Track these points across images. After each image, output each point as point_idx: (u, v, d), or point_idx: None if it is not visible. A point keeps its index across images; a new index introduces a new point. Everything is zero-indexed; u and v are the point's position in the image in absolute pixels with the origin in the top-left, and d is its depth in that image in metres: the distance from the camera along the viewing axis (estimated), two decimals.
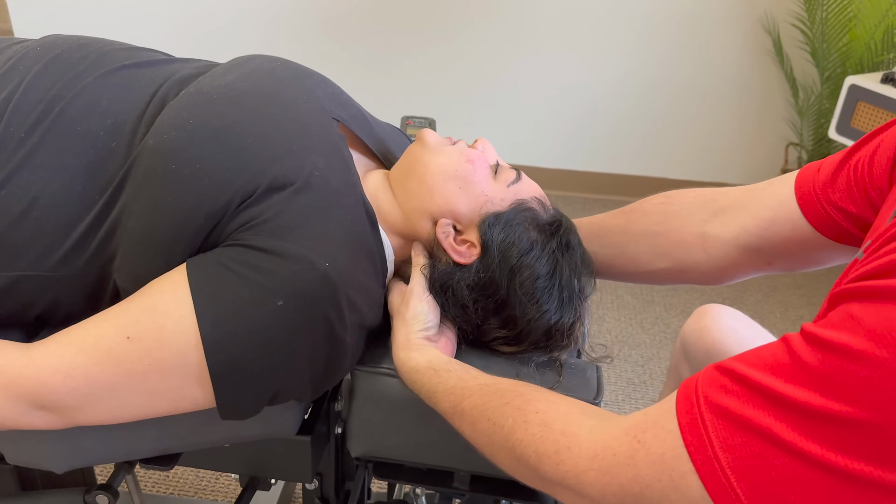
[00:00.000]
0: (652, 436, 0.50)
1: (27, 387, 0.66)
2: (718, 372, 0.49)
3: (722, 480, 0.45)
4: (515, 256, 0.79)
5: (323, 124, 0.80)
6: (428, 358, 0.75)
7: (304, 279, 0.68)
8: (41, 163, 0.73)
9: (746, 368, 0.47)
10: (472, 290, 0.80)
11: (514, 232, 0.80)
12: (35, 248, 0.72)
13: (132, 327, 0.67)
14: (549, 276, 0.80)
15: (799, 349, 0.44)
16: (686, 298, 2.39)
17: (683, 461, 0.47)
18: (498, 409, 0.64)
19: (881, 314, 0.41)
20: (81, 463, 0.78)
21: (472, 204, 0.81)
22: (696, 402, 0.48)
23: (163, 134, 0.73)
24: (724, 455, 0.45)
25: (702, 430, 0.46)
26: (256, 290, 0.67)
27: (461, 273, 0.80)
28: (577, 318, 0.83)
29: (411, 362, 0.76)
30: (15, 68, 0.78)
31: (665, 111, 2.84)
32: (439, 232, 0.81)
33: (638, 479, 0.49)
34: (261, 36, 2.81)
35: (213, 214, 0.70)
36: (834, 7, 2.38)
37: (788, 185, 0.80)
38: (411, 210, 0.83)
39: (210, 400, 0.69)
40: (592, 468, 0.53)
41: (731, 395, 0.46)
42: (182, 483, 1.60)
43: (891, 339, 0.40)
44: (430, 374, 0.73)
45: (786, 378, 0.44)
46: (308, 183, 0.72)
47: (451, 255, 0.81)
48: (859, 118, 2.06)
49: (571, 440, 0.56)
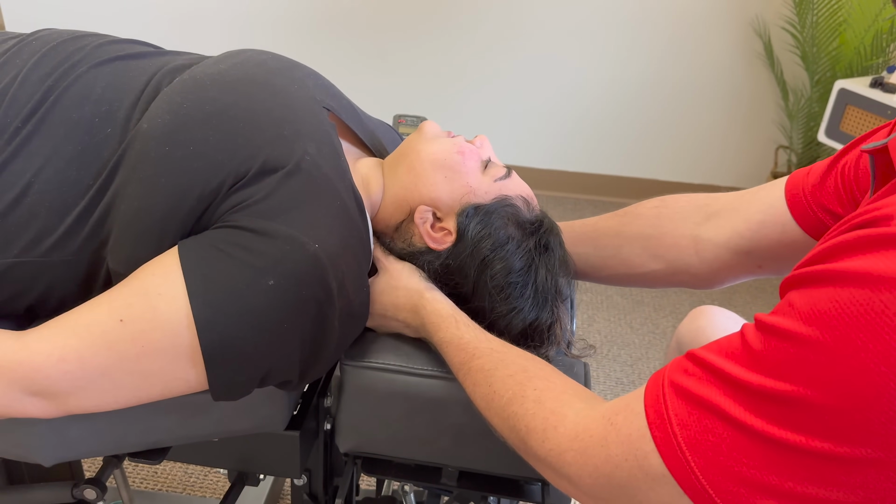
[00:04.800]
0: (623, 418, 0.53)
1: (21, 372, 0.66)
2: (685, 358, 0.52)
3: (679, 456, 0.48)
4: (489, 248, 0.80)
5: (313, 112, 0.81)
6: (452, 305, 0.79)
7: (295, 260, 0.68)
8: (36, 150, 0.74)
9: (707, 354, 0.50)
10: (435, 274, 0.82)
11: (491, 224, 0.81)
12: (28, 234, 0.72)
13: (125, 310, 0.67)
14: (523, 273, 0.81)
15: (749, 336, 0.48)
16: (675, 299, 2.40)
17: (647, 440, 0.50)
18: (501, 379, 0.67)
19: (809, 297, 0.44)
20: (70, 456, 0.78)
21: (455, 193, 0.83)
22: (661, 384, 0.51)
23: (156, 118, 0.74)
24: (681, 431, 0.48)
25: (663, 409, 0.50)
26: (247, 271, 0.67)
27: (430, 255, 0.83)
28: (556, 319, 0.84)
29: (436, 303, 0.79)
30: (11, 61, 0.79)
31: (656, 113, 2.85)
32: (417, 217, 0.83)
33: (609, 459, 0.52)
34: (254, 34, 2.81)
35: (206, 196, 0.71)
36: (824, 11, 2.40)
37: (779, 189, 0.82)
38: (393, 196, 0.85)
39: (202, 381, 0.70)
40: (572, 448, 0.56)
41: (691, 376, 0.49)
42: (170, 479, 1.60)
43: (815, 318, 0.43)
44: (450, 322, 0.76)
45: (737, 361, 0.47)
46: (299, 167, 0.73)
47: (425, 240, 0.83)
48: (848, 122, 2.08)
49: (559, 420, 0.59)
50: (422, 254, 0.84)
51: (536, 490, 0.90)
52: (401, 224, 0.85)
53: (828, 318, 0.42)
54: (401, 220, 0.85)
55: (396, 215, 0.85)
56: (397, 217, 0.85)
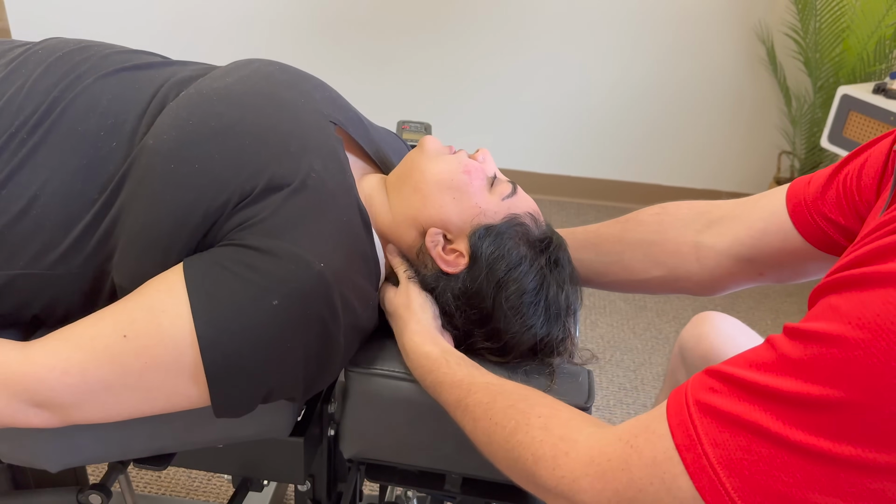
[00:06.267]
0: (644, 440, 0.51)
1: (24, 384, 0.67)
2: (707, 375, 0.50)
3: (711, 477, 0.46)
4: (503, 270, 0.80)
5: (320, 127, 0.81)
6: (442, 347, 0.77)
7: (299, 279, 0.68)
8: (42, 162, 0.74)
9: (732, 368, 0.48)
10: (457, 299, 0.81)
11: (504, 245, 0.81)
12: (33, 246, 0.73)
13: (129, 325, 0.67)
14: (536, 292, 0.81)
15: (781, 345, 0.46)
16: (678, 305, 2.40)
17: (675, 463, 0.48)
18: (502, 410, 0.64)
19: (857, 300, 0.43)
20: (76, 462, 0.79)
21: (465, 215, 0.82)
22: (686, 404, 0.49)
23: (162, 134, 0.74)
24: (713, 451, 0.46)
25: (691, 429, 0.48)
26: (252, 289, 0.67)
27: (447, 281, 0.81)
28: (567, 334, 0.84)
29: (425, 347, 0.77)
30: (17, 70, 0.79)
31: (659, 118, 2.85)
32: (428, 241, 0.82)
33: (632, 483, 0.50)
34: (258, 39, 2.82)
35: (211, 213, 0.71)
36: (827, 17, 2.40)
37: (780, 197, 0.82)
38: (402, 216, 0.84)
39: (205, 398, 0.70)
40: (588, 474, 0.53)
41: (718, 393, 0.48)
42: (174, 484, 1.61)
43: (866, 321, 0.41)
44: (440, 363, 0.74)
45: (769, 372, 0.45)
46: (304, 184, 0.73)
47: (438, 264, 0.82)
48: (851, 128, 2.08)
49: (570, 446, 0.56)
50: (443, 278, 0.82)
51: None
52: (420, 249, 0.83)
53: (880, 321, 0.41)
54: (415, 243, 0.83)
55: (410, 235, 0.83)
56: (410, 236, 0.83)
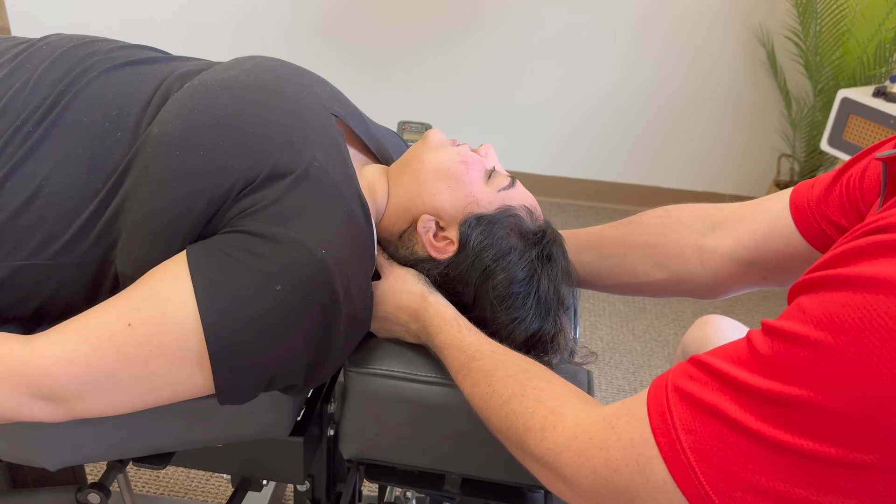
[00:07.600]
0: (624, 422, 0.53)
1: (29, 376, 0.66)
2: (689, 363, 0.51)
3: (683, 461, 0.48)
4: (491, 259, 0.81)
5: (321, 119, 0.81)
6: (455, 310, 0.79)
7: (302, 265, 0.69)
8: (46, 154, 0.74)
9: (712, 359, 0.50)
10: (436, 283, 0.83)
11: (494, 235, 0.82)
12: (37, 237, 0.73)
13: (133, 314, 0.68)
14: (525, 283, 0.81)
15: (756, 341, 0.48)
16: (677, 307, 2.40)
17: (650, 446, 0.50)
18: (501, 378, 0.67)
19: (820, 301, 0.44)
20: (76, 460, 0.79)
21: (457, 203, 0.83)
22: (665, 389, 0.51)
23: (167, 123, 0.75)
24: (686, 437, 0.48)
25: (667, 414, 0.49)
26: (255, 276, 0.68)
27: (430, 263, 0.83)
28: (560, 329, 0.84)
29: (438, 307, 0.79)
30: (22, 65, 0.80)
31: (659, 120, 2.86)
32: (420, 226, 0.83)
33: (608, 462, 0.52)
34: (260, 40, 2.82)
35: (215, 200, 0.71)
36: (828, 21, 2.40)
37: (784, 201, 0.82)
38: (398, 203, 0.85)
39: (210, 385, 0.70)
40: (570, 448, 0.56)
41: (695, 381, 0.49)
42: (173, 483, 1.60)
43: (827, 323, 0.43)
44: (452, 325, 0.77)
45: (743, 366, 0.47)
46: (307, 172, 0.73)
47: (427, 250, 0.83)
48: (851, 131, 2.08)
49: (558, 419, 0.59)
50: (423, 262, 0.84)
51: (539, 498, 0.90)
52: (404, 232, 0.86)
53: (840, 323, 0.42)
54: (404, 228, 0.85)
55: (400, 223, 0.86)
56: (401, 225, 0.86)
